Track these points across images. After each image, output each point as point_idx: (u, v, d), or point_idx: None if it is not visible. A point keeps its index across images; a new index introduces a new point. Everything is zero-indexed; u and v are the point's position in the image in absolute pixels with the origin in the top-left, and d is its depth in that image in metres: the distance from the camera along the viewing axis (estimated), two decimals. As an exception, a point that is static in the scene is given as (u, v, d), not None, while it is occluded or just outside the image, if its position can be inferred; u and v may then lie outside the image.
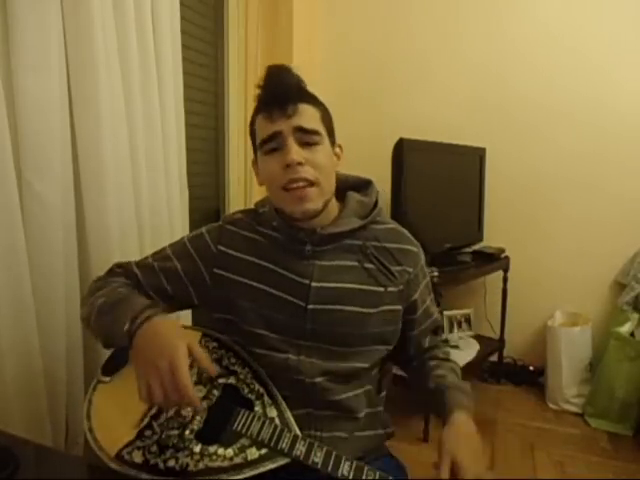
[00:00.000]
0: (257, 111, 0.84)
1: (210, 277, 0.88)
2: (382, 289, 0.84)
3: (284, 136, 0.79)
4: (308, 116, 0.81)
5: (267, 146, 0.81)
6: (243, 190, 2.25)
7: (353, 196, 0.90)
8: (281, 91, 0.80)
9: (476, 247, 2.34)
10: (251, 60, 2.19)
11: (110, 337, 0.79)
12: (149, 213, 1.45)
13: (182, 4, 1.58)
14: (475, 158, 2.35)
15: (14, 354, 1.03)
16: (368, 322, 0.83)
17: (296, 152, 0.78)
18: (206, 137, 2.13)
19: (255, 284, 0.84)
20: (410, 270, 0.88)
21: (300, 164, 0.78)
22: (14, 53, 1.02)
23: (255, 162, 0.89)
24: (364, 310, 0.83)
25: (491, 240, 2.39)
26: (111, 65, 1.24)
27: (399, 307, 0.88)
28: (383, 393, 0.97)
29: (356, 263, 0.84)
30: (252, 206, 0.95)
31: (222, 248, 0.88)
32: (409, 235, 0.93)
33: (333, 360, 0.82)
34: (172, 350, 0.66)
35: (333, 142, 0.87)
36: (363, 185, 0.93)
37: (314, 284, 0.82)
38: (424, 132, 2.14)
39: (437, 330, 0.98)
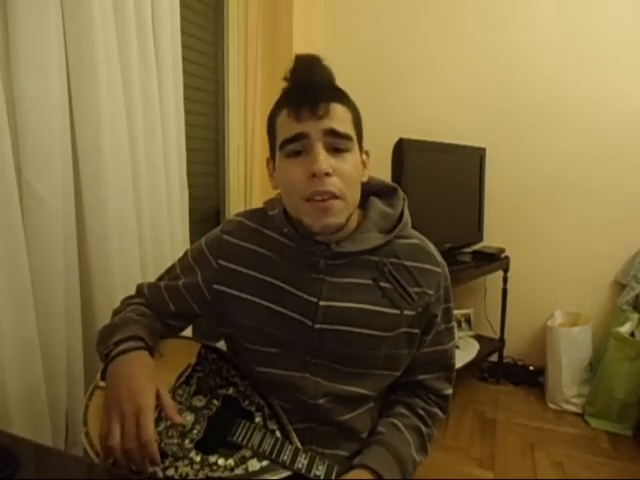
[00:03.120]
0: (281, 105, 0.74)
1: (209, 293, 0.84)
2: (398, 311, 0.76)
3: (311, 139, 0.69)
4: (340, 118, 0.71)
5: (289, 147, 0.71)
6: (243, 190, 2.26)
7: (376, 205, 0.82)
8: (312, 87, 0.70)
9: (476, 247, 2.34)
10: (251, 60, 2.19)
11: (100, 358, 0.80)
12: (149, 213, 1.45)
13: (182, 4, 1.58)
14: (475, 158, 2.35)
15: (14, 354, 1.03)
16: (381, 345, 0.77)
17: (324, 160, 0.68)
18: (206, 137, 2.13)
19: (258, 300, 0.78)
20: (431, 293, 0.79)
21: (328, 175, 0.69)
22: (14, 53, 1.02)
23: (270, 161, 0.80)
24: (377, 333, 0.76)
25: (491, 240, 2.39)
26: (111, 65, 1.24)
27: (417, 331, 0.80)
28: None
29: (371, 281, 0.77)
30: (261, 205, 0.88)
31: (222, 262, 0.82)
32: (434, 252, 0.82)
33: (338, 382, 0.77)
34: (140, 395, 0.66)
35: (361, 147, 0.78)
36: (388, 192, 0.84)
37: (322, 303, 0.75)
38: (424, 132, 2.14)
39: (441, 367, 0.86)
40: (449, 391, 0.88)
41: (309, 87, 0.70)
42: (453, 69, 2.44)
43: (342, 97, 0.75)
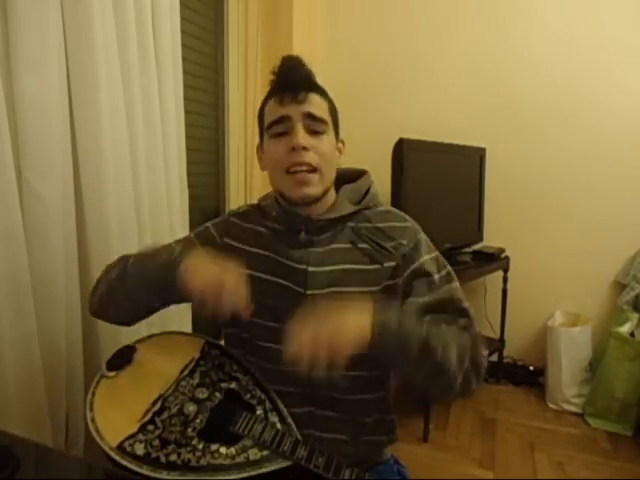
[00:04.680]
0: (269, 96, 0.87)
1: None
2: (378, 266, 0.84)
3: (293, 121, 0.81)
4: (317, 105, 0.84)
5: (274, 129, 0.83)
6: (243, 190, 2.26)
7: (346, 186, 0.92)
8: (294, 78, 0.83)
9: (476, 247, 2.34)
10: (251, 60, 2.19)
11: (150, 277, 0.81)
12: (149, 213, 1.45)
13: (182, 4, 1.58)
14: (475, 158, 2.35)
15: (14, 354, 1.03)
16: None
17: (302, 137, 0.80)
18: (206, 137, 2.13)
19: (256, 274, 0.84)
20: (404, 242, 0.85)
21: (305, 149, 0.80)
22: (14, 53, 1.02)
23: (259, 147, 0.92)
24: (365, 289, 0.82)
25: (491, 240, 2.39)
26: (111, 65, 1.24)
27: (397, 281, 0.84)
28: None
29: (349, 245, 0.85)
30: (256, 201, 0.97)
31: (227, 240, 0.90)
32: (404, 215, 0.92)
33: None
34: (223, 266, 0.73)
35: (337, 135, 0.89)
36: (357, 176, 0.95)
37: (310, 269, 0.82)
38: (424, 132, 2.14)
39: (453, 312, 0.84)
40: (466, 304, 0.86)
41: (291, 78, 0.84)
42: (453, 69, 2.44)
43: (320, 90, 0.86)
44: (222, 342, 0.92)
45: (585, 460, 1.81)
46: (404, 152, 1.89)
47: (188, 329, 1.62)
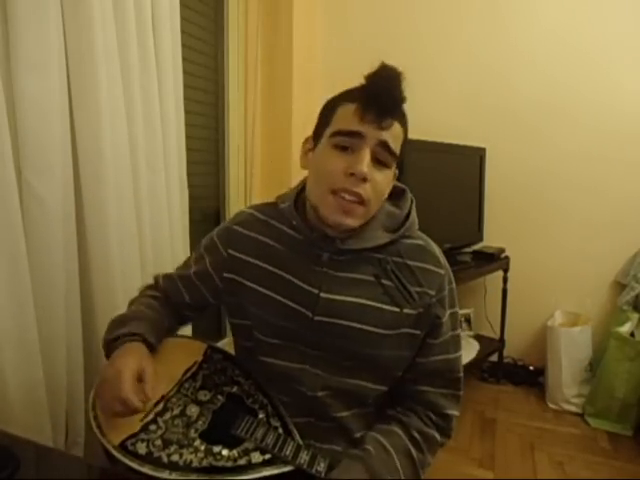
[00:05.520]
0: (351, 97, 0.75)
1: (221, 281, 0.87)
2: (397, 309, 0.77)
3: (364, 142, 0.72)
4: (396, 136, 0.76)
5: (340, 139, 0.74)
6: (243, 190, 2.26)
7: (384, 205, 0.83)
8: (389, 98, 0.74)
9: (476, 247, 2.34)
10: (251, 60, 2.19)
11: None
12: (149, 213, 1.45)
13: (182, 4, 1.58)
14: (475, 158, 2.35)
15: (14, 355, 1.03)
16: (382, 344, 0.77)
17: (367, 165, 0.72)
18: (206, 137, 2.13)
19: (263, 290, 0.81)
20: (432, 293, 0.78)
21: (365, 180, 0.72)
22: (14, 53, 1.02)
23: (309, 142, 0.82)
24: (376, 330, 0.76)
25: (491, 240, 2.39)
26: (111, 65, 1.24)
27: (419, 332, 0.79)
28: None
29: (372, 278, 0.78)
30: (273, 199, 0.90)
31: (231, 252, 0.85)
32: (438, 255, 0.82)
33: (339, 375, 0.78)
34: (120, 362, 0.73)
35: (397, 167, 0.83)
36: (396, 193, 0.87)
37: (323, 295, 0.77)
38: (424, 132, 2.13)
39: (447, 381, 0.81)
40: (453, 411, 0.81)
41: (386, 97, 0.73)
42: (453, 69, 2.44)
43: (404, 121, 0.79)
44: (226, 338, 0.92)
45: (585, 460, 1.81)
46: (404, 152, 1.89)
47: (188, 331, 1.62)
